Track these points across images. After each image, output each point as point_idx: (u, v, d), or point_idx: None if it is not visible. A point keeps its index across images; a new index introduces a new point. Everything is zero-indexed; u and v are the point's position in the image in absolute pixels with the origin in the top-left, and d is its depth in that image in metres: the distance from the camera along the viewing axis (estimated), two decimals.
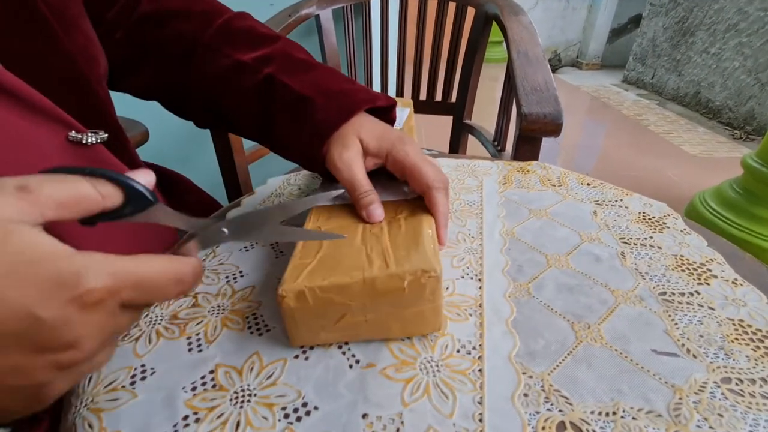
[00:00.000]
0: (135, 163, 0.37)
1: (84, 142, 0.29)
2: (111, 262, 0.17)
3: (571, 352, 0.25)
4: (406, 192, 0.33)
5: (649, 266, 0.33)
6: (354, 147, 0.32)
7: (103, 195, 0.18)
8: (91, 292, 0.15)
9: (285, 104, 0.34)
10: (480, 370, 0.24)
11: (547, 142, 0.55)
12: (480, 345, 0.26)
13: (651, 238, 0.36)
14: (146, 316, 0.30)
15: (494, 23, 0.86)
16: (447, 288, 0.31)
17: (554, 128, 0.53)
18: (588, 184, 0.46)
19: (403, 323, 0.25)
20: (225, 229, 0.23)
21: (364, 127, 0.33)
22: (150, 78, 0.39)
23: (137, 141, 0.61)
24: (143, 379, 0.25)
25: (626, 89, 3.00)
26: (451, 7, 0.91)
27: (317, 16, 0.90)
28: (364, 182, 0.31)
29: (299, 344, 0.26)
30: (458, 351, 0.26)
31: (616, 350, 0.25)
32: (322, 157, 0.33)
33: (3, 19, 0.27)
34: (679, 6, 2.55)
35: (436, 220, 0.31)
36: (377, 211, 0.30)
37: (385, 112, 0.37)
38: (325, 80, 0.35)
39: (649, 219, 0.39)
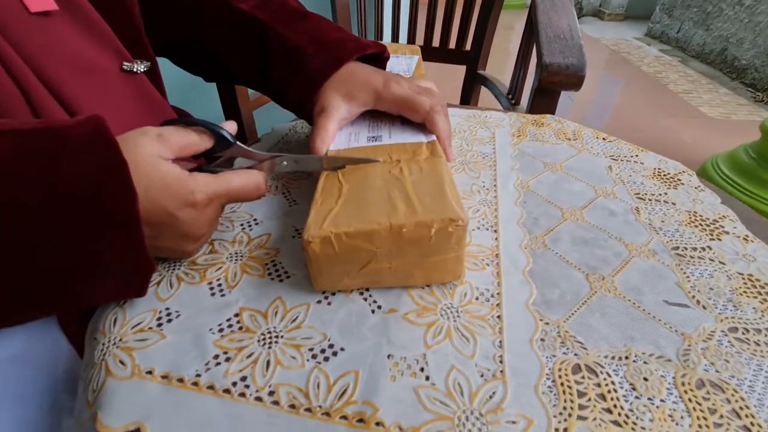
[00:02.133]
0: (163, 90, 0.39)
1: (134, 70, 0.33)
2: (210, 181, 0.26)
3: (585, 301, 0.26)
4: (424, 134, 0.33)
5: (662, 221, 0.33)
6: (330, 107, 0.33)
7: (202, 140, 0.28)
8: (201, 201, 0.25)
9: (279, 53, 0.36)
10: (498, 316, 0.25)
11: (560, 97, 0.53)
12: (498, 293, 0.27)
13: (665, 194, 0.36)
14: (163, 261, 0.30)
15: None
16: None
17: (576, 81, 0.51)
18: (603, 139, 0.45)
19: (426, 271, 0.26)
20: (285, 162, 0.31)
21: (352, 78, 0.34)
22: (162, 35, 0.40)
23: None
24: (169, 321, 0.26)
25: (649, 44, 2.86)
26: None
27: None
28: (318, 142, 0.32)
29: (322, 289, 0.27)
30: (477, 298, 0.26)
31: (629, 300, 0.26)
32: (312, 106, 0.35)
33: None
34: None
35: (440, 140, 0.33)
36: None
37: (378, 59, 0.38)
38: (316, 30, 0.36)
39: (665, 175, 0.39)
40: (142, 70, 0.33)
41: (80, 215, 0.21)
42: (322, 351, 0.24)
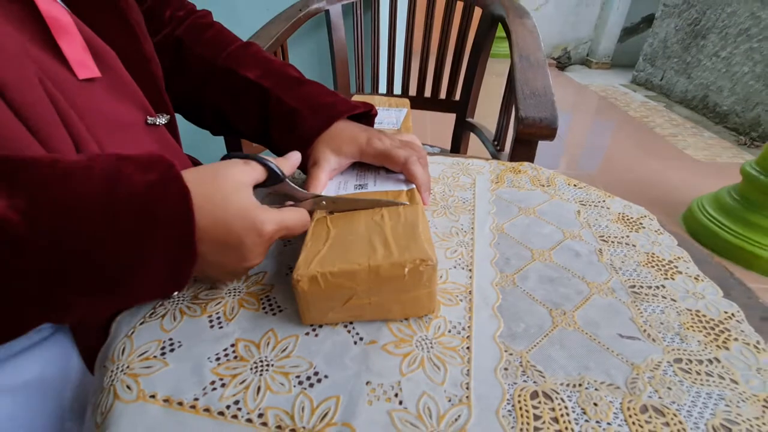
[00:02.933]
0: (179, 140, 0.44)
1: (156, 123, 0.37)
2: (275, 215, 0.29)
3: (547, 334, 0.29)
4: (405, 182, 0.38)
5: (623, 262, 0.37)
6: (321, 159, 0.38)
7: (262, 174, 0.31)
8: (266, 233, 0.28)
9: (279, 115, 0.41)
10: (468, 348, 0.28)
11: (551, 141, 0.58)
12: (469, 326, 0.30)
13: (627, 236, 0.40)
14: (169, 297, 0.33)
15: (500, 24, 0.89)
16: (441, 276, 0.34)
17: (549, 132, 0.57)
18: (574, 185, 0.49)
19: (402, 306, 0.29)
20: (324, 201, 0.34)
21: (340, 135, 0.39)
22: (177, 94, 0.45)
23: None
24: (172, 350, 0.29)
25: (634, 90, 3.02)
26: (459, 6, 0.93)
27: (327, 11, 0.93)
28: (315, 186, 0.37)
29: (310, 323, 0.30)
30: (449, 331, 0.29)
31: (586, 333, 0.29)
32: (306, 159, 0.40)
33: (106, 23, 0.34)
34: (693, 8, 2.56)
35: (417, 186, 0.37)
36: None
37: (367, 116, 0.44)
38: (312, 95, 0.42)
39: (628, 219, 0.43)
40: (163, 122, 0.38)
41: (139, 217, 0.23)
42: (308, 378, 0.26)
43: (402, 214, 0.33)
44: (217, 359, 0.28)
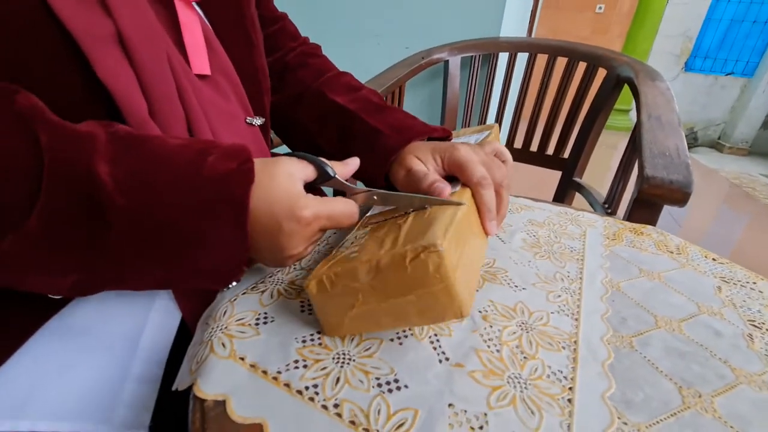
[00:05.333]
0: (270, 143, 0.48)
1: (254, 123, 0.41)
2: (317, 203, 0.29)
3: (675, 413, 0.24)
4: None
5: None
6: (413, 160, 0.39)
7: (313, 172, 0.32)
8: (306, 218, 0.28)
9: (361, 134, 0.44)
10: (569, 400, 0.24)
11: (664, 221, 0.51)
12: (572, 378, 0.26)
13: None
14: (271, 277, 0.36)
15: (625, 87, 0.85)
16: (541, 318, 0.31)
17: (680, 197, 0.50)
18: (713, 259, 0.42)
19: (419, 308, 0.25)
20: (375, 197, 0.33)
21: (419, 148, 0.39)
22: (271, 108, 0.51)
23: None
24: (265, 323, 0.30)
25: None
26: (581, 66, 0.92)
27: (446, 62, 0.99)
28: (429, 174, 0.36)
29: (330, 334, 0.28)
30: (548, 376, 0.26)
31: (731, 427, 0.23)
32: (385, 173, 0.41)
33: (228, 31, 0.39)
34: None
35: (480, 212, 0.33)
36: (441, 185, 0.33)
37: (442, 141, 0.44)
38: (393, 118, 0.44)
39: None
40: (259, 124, 0.42)
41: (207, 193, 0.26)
42: (387, 383, 0.25)
43: (430, 213, 0.29)
44: (303, 341, 0.28)
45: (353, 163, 0.36)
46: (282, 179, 0.28)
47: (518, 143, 1.02)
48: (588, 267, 0.39)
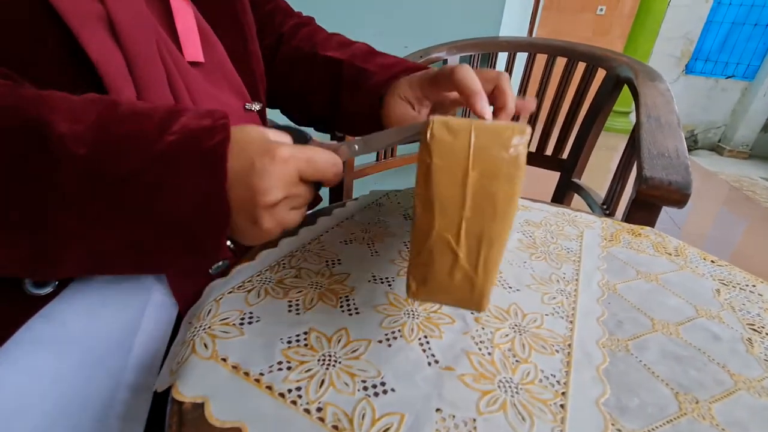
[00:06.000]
0: (266, 124, 0.47)
1: (252, 109, 0.41)
2: (294, 145, 0.26)
3: (671, 420, 0.23)
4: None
5: None
6: (401, 105, 0.38)
7: (287, 138, 0.29)
8: (281, 155, 0.25)
9: (349, 78, 0.43)
10: (562, 405, 0.23)
11: (664, 224, 0.50)
12: (565, 382, 0.25)
13: None
14: (258, 275, 0.35)
15: (625, 89, 0.84)
16: (535, 321, 0.30)
17: (679, 198, 0.49)
18: (712, 261, 0.41)
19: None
20: (356, 146, 0.31)
21: (409, 86, 0.38)
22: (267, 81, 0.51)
23: None
24: (250, 323, 0.29)
25: None
26: (580, 66, 0.91)
27: (445, 61, 0.98)
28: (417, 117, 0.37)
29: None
30: (540, 381, 0.25)
31: None
32: (377, 113, 0.40)
33: (220, 21, 0.39)
34: None
35: (465, 89, 0.32)
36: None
37: None
38: (383, 60, 0.43)
39: None
40: (257, 109, 0.42)
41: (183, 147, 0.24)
42: (374, 386, 0.24)
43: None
44: (289, 342, 0.27)
45: (338, 152, 0.34)
46: (258, 134, 0.27)
47: None
48: (584, 268, 0.38)
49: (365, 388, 0.24)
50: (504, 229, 0.21)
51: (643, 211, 0.54)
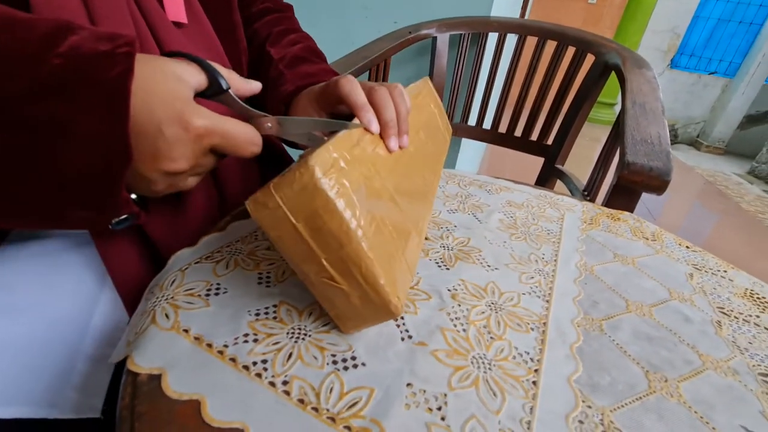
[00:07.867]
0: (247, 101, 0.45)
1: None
2: (211, 115, 0.24)
3: (640, 397, 0.23)
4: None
5: (750, 343, 0.29)
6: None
7: (202, 80, 0.26)
8: (197, 128, 0.23)
9: (272, 78, 0.42)
10: (534, 382, 0.23)
11: (640, 215, 0.50)
12: (538, 360, 0.24)
13: (757, 317, 0.32)
14: (228, 246, 0.33)
15: (612, 79, 0.84)
16: (512, 299, 0.30)
17: (659, 184, 0.49)
18: (687, 247, 0.42)
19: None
20: (269, 124, 0.29)
21: (316, 88, 0.37)
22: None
23: None
24: (216, 294, 0.28)
25: (750, 182, 2.66)
26: (570, 51, 0.90)
27: (435, 38, 0.95)
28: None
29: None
30: (514, 357, 0.24)
31: (695, 413, 0.22)
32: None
33: None
34: None
35: (349, 104, 0.30)
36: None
37: None
38: (308, 68, 0.42)
39: (757, 298, 0.34)
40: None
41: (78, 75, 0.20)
42: (344, 360, 0.23)
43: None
44: (257, 314, 0.26)
45: (255, 84, 0.30)
46: (169, 79, 0.23)
47: (503, 128, 1.00)
48: (563, 250, 0.38)
49: (335, 362, 0.23)
50: (358, 246, 0.21)
51: (623, 197, 0.54)
